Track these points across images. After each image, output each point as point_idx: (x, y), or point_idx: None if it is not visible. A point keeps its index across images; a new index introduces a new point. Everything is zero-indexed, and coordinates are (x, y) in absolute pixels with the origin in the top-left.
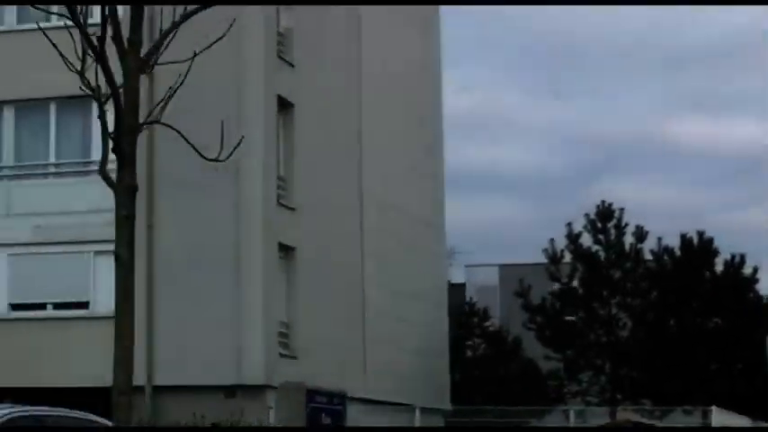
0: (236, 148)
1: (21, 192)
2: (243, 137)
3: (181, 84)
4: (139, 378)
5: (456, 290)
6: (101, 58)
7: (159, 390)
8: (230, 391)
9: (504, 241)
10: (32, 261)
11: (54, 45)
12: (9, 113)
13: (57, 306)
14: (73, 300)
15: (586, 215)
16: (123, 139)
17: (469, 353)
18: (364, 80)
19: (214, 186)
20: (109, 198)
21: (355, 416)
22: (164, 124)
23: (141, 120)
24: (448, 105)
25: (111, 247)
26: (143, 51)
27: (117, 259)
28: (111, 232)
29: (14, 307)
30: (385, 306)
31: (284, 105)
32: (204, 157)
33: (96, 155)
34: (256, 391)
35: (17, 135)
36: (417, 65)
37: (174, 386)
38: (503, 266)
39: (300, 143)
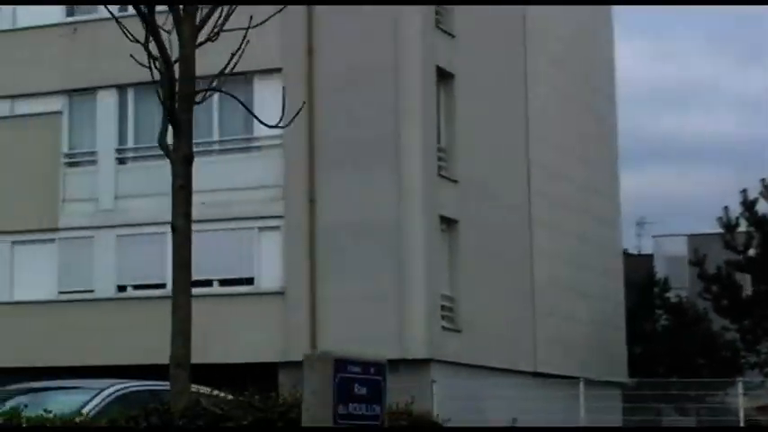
0: (297, 114)
1: None
2: (304, 102)
3: (238, 51)
4: (304, 352)
5: (643, 261)
6: (152, 27)
7: None
8: (393, 365)
9: (696, 211)
10: (198, 238)
11: (113, 15)
12: None
13: (222, 282)
14: (238, 276)
15: (762, 180)
16: (179, 108)
17: (652, 325)
18: (529, 49)
19: (374, 159)
20: (273, 174)
21: (522, 390)
22: (221, 91)
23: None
24: (640, 74)
25: (275, 222)
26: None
27: (173, 230)
28: (274, 208)
29: None
30: (555, 277)
31: (444, 76)
32: (265, 124)
33: (259, 131)
34: (420, 364)
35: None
36: (587, 33)
37: None
38: (691, 236)
39: (462, 114)
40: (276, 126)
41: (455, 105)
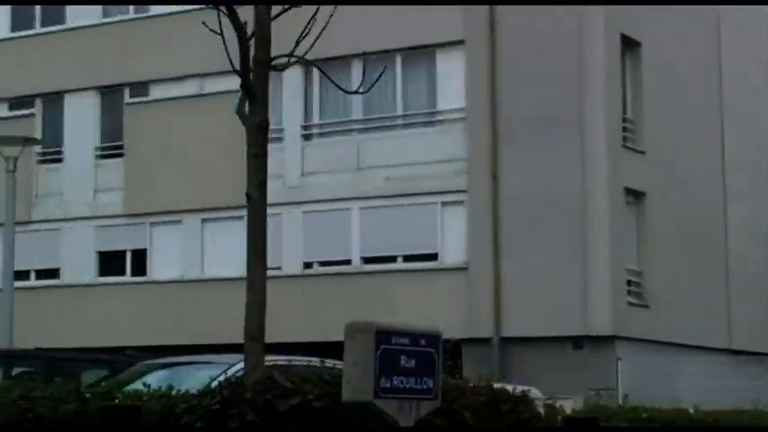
0: (377, 80)
1: (370, 145)
2: (385, 67)
3: (308, 25)
4: (488, 329)
5: None
6: None
7: (507, 341)
8: (577, 341)
9: None
10: (382, 214)
11: None
12: (357, 68)
13: (406, 258)
14: (422, 252)
15: None
16: (254, 76)
17: None
18: (723, 17)
19: (557, 131)
20: (456, 148)
21: (718, 368)
22: (301, 59)
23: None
24: None
25: (458, 197)
26: None
27: (248, 199)
28: (458, 183)
29: (366, 260)
30: (753, 252)
31: (629, 44)
32: (346, 92)
33: (442, 105)
34: (604, 341)
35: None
36: None
37: (522, 337)
38: None
39: (649, 83)
40: (356, 92)
41: (642, 75)
